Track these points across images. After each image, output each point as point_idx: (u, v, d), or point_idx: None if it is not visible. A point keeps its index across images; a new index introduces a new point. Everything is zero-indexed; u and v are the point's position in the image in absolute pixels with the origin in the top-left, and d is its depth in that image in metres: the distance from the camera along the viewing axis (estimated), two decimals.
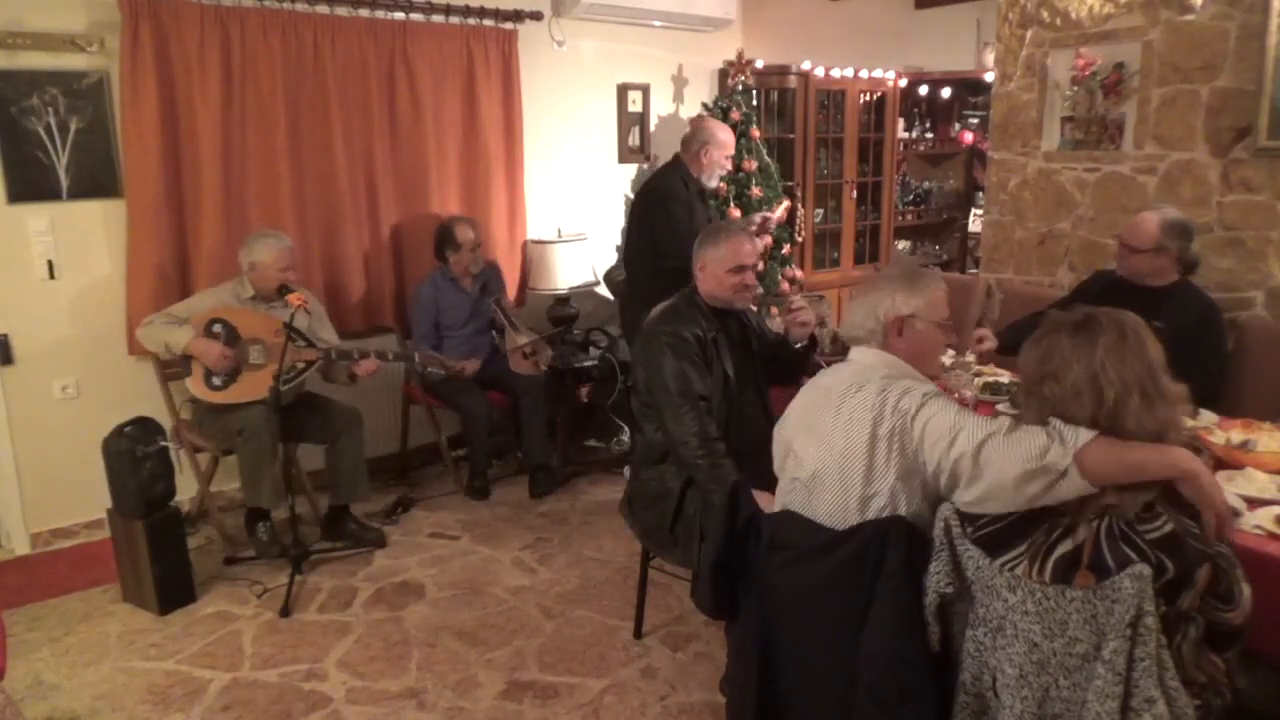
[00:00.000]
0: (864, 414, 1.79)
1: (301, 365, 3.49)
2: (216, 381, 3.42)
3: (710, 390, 2.58)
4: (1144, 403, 1.52)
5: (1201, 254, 3.49)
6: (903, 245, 7.03)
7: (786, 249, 5.15)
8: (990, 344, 3.17)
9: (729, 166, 4.24)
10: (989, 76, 4.71)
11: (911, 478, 1.75)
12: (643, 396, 2.68)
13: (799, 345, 2.88)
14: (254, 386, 3.40)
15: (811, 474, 1.86)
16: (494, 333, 4.41)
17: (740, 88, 5.05)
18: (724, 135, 4.13)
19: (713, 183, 4.19)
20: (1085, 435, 1.52)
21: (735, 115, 4.94)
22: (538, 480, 4.27)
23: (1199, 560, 1.44)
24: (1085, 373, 1.54)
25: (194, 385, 3.43)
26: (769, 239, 4.49)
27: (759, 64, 5.31)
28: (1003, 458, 1.56)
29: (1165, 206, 3.10)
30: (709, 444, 2.50)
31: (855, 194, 6.07)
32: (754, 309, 2.93)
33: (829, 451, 1.83)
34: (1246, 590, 1.49)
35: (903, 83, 6.07)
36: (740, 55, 5.17)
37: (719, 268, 2.64)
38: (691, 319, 2.63)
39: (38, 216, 3.49)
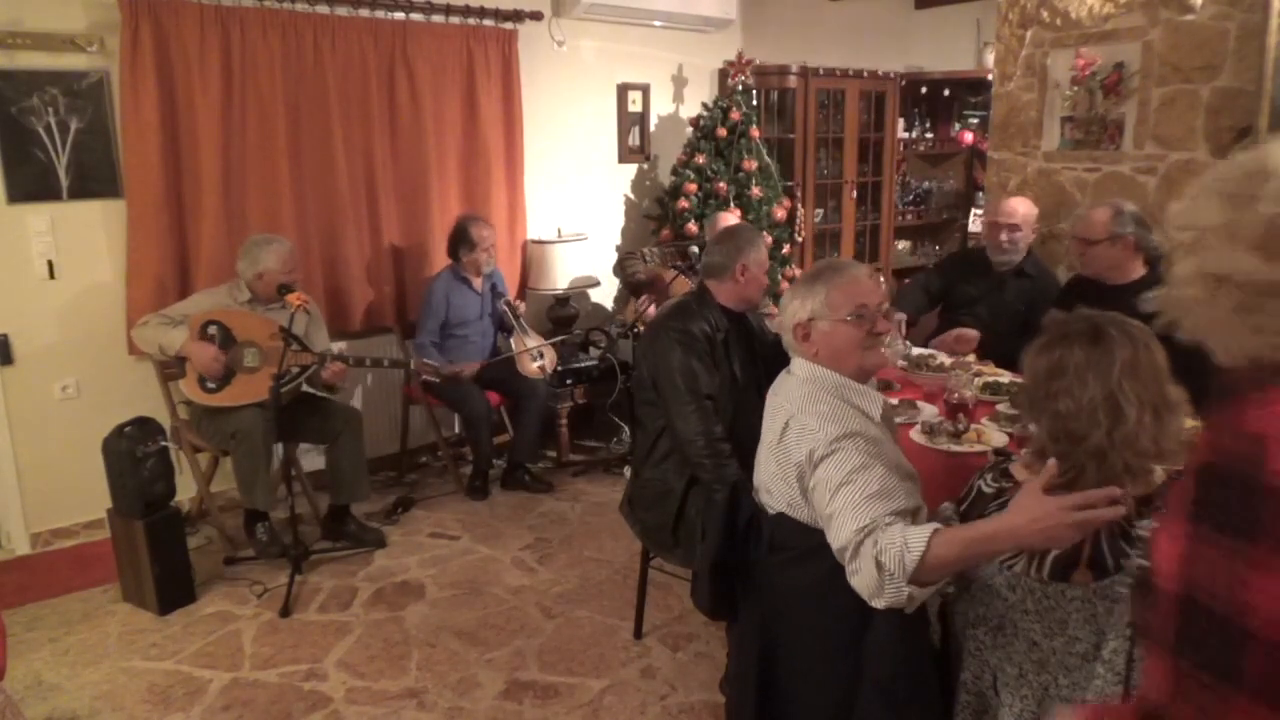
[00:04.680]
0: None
1: (297, 369, 3.47)
2: (210, 384, 3.41)
3: (716, 389, 2.58)
4: (1157, 419, 1.48)
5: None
6: (903, 245, 7.04)
7: (786, 249, 5.15)
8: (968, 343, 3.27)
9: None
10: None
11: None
12: (646, 392, 2.68)
13: None
14: (248, 389, 3.40)
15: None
16: (501, 334, 4.41)
17: (740, 88, 5.05)
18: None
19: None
20: (911, 556, 1.43)
21: (735, 115, 4.95)
22: (512, 476, 4.30)
23: None
24: (1103, 391, 1.48)
25: (188, 387, 3.42)
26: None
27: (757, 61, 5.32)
28: (860, 576, 1.53)
29: (1115, 199, 3.17)
30: (715, 443, 2.50)
31: (855, 194, 6.08)
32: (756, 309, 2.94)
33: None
34: None
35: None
36: (740, 55, 5.17)
37: (760, 270, 2.69)
38: (702, 317, 2.63)
39: (38, 216, 3.49)
